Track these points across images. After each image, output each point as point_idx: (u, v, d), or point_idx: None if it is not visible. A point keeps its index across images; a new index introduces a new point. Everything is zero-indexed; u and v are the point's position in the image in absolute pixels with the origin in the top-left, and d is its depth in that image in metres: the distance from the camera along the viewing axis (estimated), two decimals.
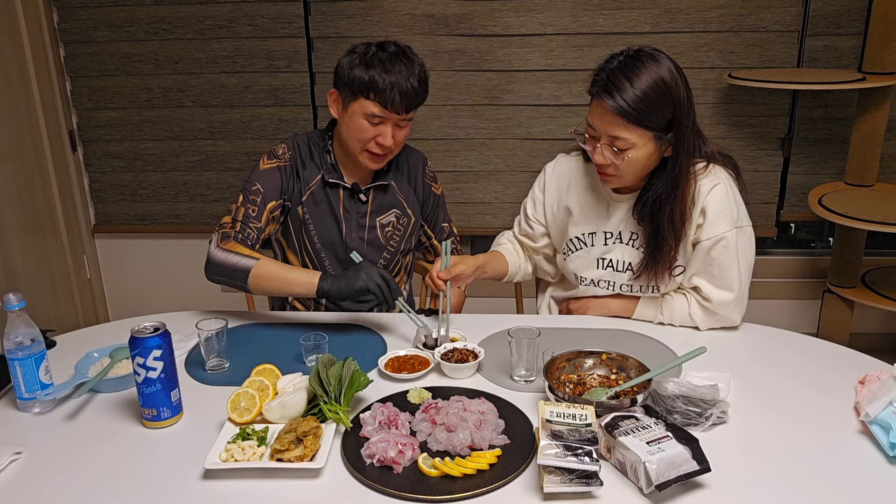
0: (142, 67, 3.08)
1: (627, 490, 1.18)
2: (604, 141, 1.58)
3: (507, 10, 2.89)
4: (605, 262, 1.76)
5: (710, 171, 1.65)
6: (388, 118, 1.74)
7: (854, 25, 2.82)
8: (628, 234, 1.72)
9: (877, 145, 2.70)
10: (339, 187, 1.88)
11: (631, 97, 1.51)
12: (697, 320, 1.71)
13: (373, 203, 1.91)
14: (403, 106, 1.72)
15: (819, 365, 1.57)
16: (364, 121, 1.74)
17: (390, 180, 1.93)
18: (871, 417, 1.30)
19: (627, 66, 1.54)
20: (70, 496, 1.20)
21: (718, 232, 1.63)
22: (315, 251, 1.90)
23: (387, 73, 1.70)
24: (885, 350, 3.01)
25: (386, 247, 1.94)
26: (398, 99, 1.70)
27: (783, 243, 3.33)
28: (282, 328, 1.77)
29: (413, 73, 1.72)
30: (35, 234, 3.03)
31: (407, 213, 1.95)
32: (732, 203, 1.64)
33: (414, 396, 1.43)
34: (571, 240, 1.79)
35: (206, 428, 1.36)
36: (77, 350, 1.63)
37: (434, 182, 2.02)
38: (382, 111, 1.72)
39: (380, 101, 1.71)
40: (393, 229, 1.94)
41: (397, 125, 1.76)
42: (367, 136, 1.76)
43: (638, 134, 1.54)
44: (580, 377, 1.47)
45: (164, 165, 3.22)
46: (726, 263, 1.65)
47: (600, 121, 1.56)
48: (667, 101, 1.53)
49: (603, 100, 1.53)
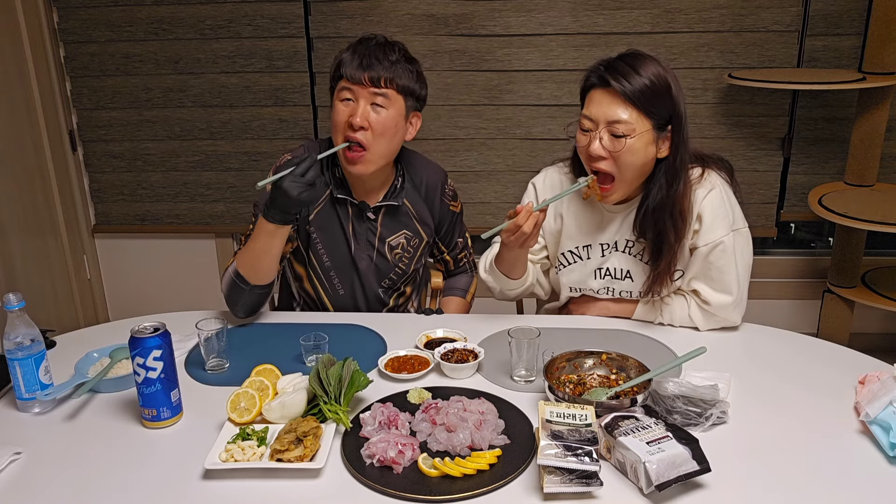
0: (142, 67, 3.08)
1: (627, 490, 1.18)
2: (602, 127, 1.57)
3: (507, 10, 2.89)
4: (604, 272, 1.76)
5: (706, 178, 1.65)
6: (358, 93, 1.67)
7: (854, 25, 2.82)
8: (624, 242, 1.72)
9: (877, 145, 2.70)
10: (348, 203, 1.82)
11: (637, 82, 1.53)
12: (697, 321, 1.71)
13: (382, 223, 1.84)
14: (369, 77, 1.66)
15: (819, 365, 1.57)
16: (338, 102, 1.70)
17: (402, 200, 1.84)
18: (871, 417, 1.30)
19: (629, 58, 1.57)
20: (70, 496, 1.20)
21: (715, 237, 1.63)
22: (324, 269, 1.85)
23: (353, 51, 1.68)
24: (885, 350, 3.00)
25: (394, 268, 1.87)
26: (361, 70, 1.66)
27: (783, 243, 3.33)
28: (282, 328, 1.77)
29: (384, 50, 1.69)
30: (35, 234, 3.03)
31: (420, 234, 1.88)
32: (728, 207, 1.65)
33: (414, 396, 1.43)
34: (564, 254, 1.78)
35: (206, 428, 1.36)
36: (77, 350, 1.63)
37: (453, 201, 1.94)
38: (349, 84, 1.67)
39: (348, 75, 1.67)
40: (402, 251, 1.86)
41: (373, 104, 1.68)
42: (340, 120, 1.69)
43: (639, 118, 1.55)
44: (580, 377, 1.47)
45: (164, 165, 3.22)
46: (724, 267, 1.65)
47: (599, 108, 1.57)
48: (667, 95, 1.56)
49: (609, 84, 1.54)
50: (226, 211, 3.26)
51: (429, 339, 1.67)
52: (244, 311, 1.75)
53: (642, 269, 1.72)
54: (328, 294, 1.88)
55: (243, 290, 1.70)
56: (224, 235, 3.32)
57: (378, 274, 1.87)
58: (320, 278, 1.87)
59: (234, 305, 1.74)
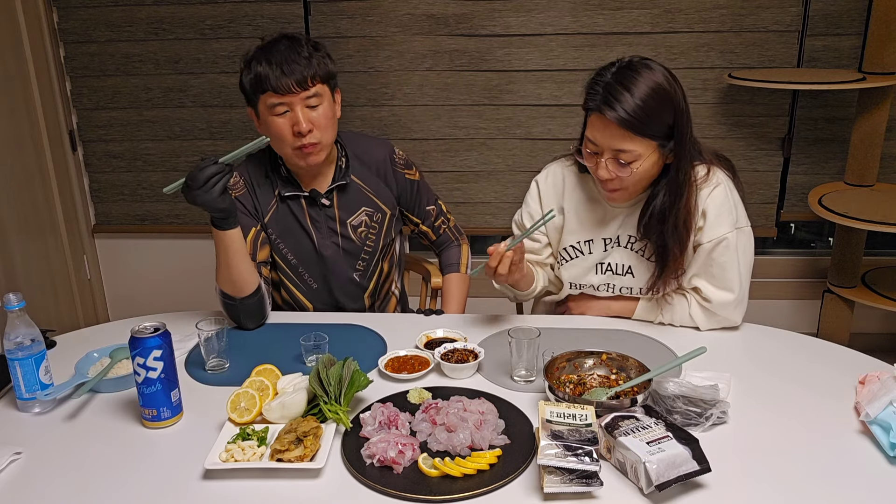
0: (142, 67, 3.08)
1: (627, 490, 1.18)
2: (608, 155, 1.57)
3: (507, 10, 2.89)
4: (605, 267, 1.76)
5: (711, 176, 1.65)
6: (290, 102, 1.67)
7: (854, 25, 2.82)
8: (626, 237, 1.73)
9: (877, 145, 2.70)
10: (300, 198, 1.83)
11: (631, 106, 1.50)
12: (698, 321, 1.71)
13: (338, 206, 1.85)
14: (295, 81, 1.65)
15: (819, 365, 1.56)
16: (274, 117, 1.69)
17: (350, 178, 1.85)
18: (871, 417, 1.30)
19: (623, 76, 1.53)
20: (70, 496, 1.20)
21: (719, 234, 1.63)
22: (291, 267, 1.87)
23: (267, 62, 1.66)
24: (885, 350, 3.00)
25: (363, 248, 1.88)
26: (284, 77, 1.64)
27: (783, 243, 3.33)
28: (282, 328, 1.77)
29: (294, 49, 1.67)
30: (35, 234, 3.03)
31: (380, 208, 1.89)
32: (732, 204, 1.65)
33: (414, 396, 1.43)
34: (566, 248, 1.79)
35: (206, 428, 1.36)
36: (77, 350, 1.63)
37: (408, 169, 1.93)
38: (278, 97, 1.66)
39: (272, 87, 1.65)
40: (367, 228, 1.87)
41: (307, 107, 1.68)
42: (285, 131, 1.69)
43: (643, 144, 1.54)
44: (580, 377, 1.47)
45: (164, 165, 3.22)
46: (727, 264, 1.65)
47: (602, 135, 1.55)
48: (666, 106, 1.53)
49: (604, 113, 1.52)
50: None
51: (429, 339, 1.67)
52: (250, 323, 1.76)
53: (645, 265, 1.72)
54: (302, 291, 1.90)
55: (233, 305, 1.72)
56: None
57: (349, 258, 1.88)
58: (290, 278, 1.88)
59: (237, 321, 1.75)
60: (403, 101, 3.05)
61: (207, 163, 1.56)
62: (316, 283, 1.88)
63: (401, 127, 3.08)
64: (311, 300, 1.91)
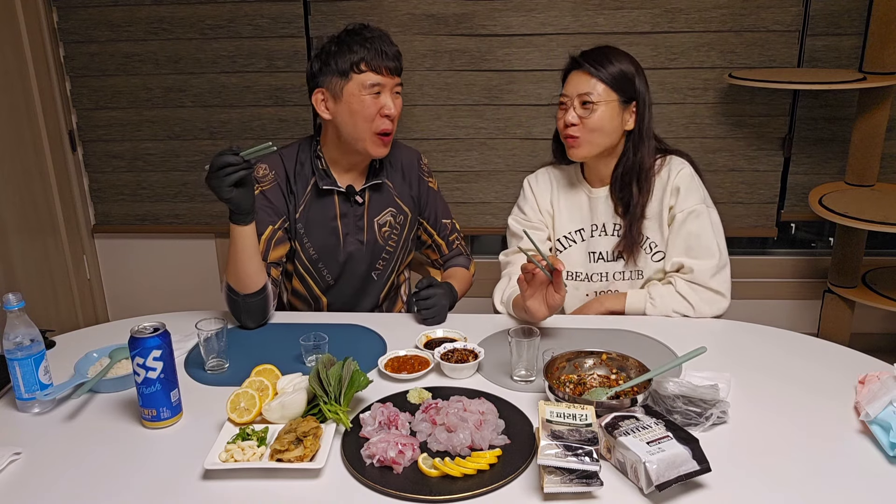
0: (142, 67, 3.08)
1: (627, 490, 1.18)
2: (576, 102, 1.76)
3: (507, 10, 2.89)
4: (597, 256, 1.85)
5: (672, 159, 1.81)
6: (386, 84, 1.77)
7: (854, 25, 2.82)
8: (612, 225, 1.85)
9: (877, 145, 2.70)
10: (334, 193, 1.87)
11: (607, 65, 1.75)
12: (687, 297, 1.75)
13: (369, 204, 1.90)
14: (394, 66, 1.78)
15: (819, 365, 1.56)
16: (366, 96, 1.76)
17: (384, 178, 1.92)
18: (871, 417, 1.30)
19: (605, 48, 1.79)
20: (70, 496, 1.20)
21: (690, 204, 1.77)
22: (312, 262, 1.89)
23: (369, 43, 1.76)
24: (885, 350, 3.01)
25: (385, 247, 1.93)
26: (388, 61, 1.77)
27: (783, 243, 3.32)
28: (282, 328, 1.77)
29: (386, 40, 1.79)
30: (35, 234, 3.03)
31: (403, 210, 1.94)
32: (698, 183, 1.80)
33: (414, 396, 1.43)
34: (560, 239, 1.88)
35: (205, 428, 1.36)
36: (77, 350, 1.63)
37: (429, 176, 2.02)
38: (379, 77, 1.76)
39: (373, 68, 1.75)
40: (390, 229, 1.93)
41: (394, 93, 1.80)
42: (372, 112, 1.76)
43: (606, 91, 1.74)
44: (580, 377, 1.47)
45: (164, 165, 3.22)
46: (701, 234, 1.76)
47: (572, 86, 1.77)
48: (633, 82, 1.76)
49: (575, 67, 1.78)
50: (226, 211, 3.22)
51: (429, 339, 1.67)
52: (250, 322, 1.76)
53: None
54: (318, 284, 1.92)
55: (236, 301, 1.72)
56: (224, 235, 3.29)
57: (370, 257, 1.92)
58: (308, 271, 1.90)
59: (238, 318, 1.76)
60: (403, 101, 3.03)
61: (229, 152, 1.59)
62: (333, 278, 1.91)
63: (401, 127, 3.07)
64: (324, 291, 1.95)
